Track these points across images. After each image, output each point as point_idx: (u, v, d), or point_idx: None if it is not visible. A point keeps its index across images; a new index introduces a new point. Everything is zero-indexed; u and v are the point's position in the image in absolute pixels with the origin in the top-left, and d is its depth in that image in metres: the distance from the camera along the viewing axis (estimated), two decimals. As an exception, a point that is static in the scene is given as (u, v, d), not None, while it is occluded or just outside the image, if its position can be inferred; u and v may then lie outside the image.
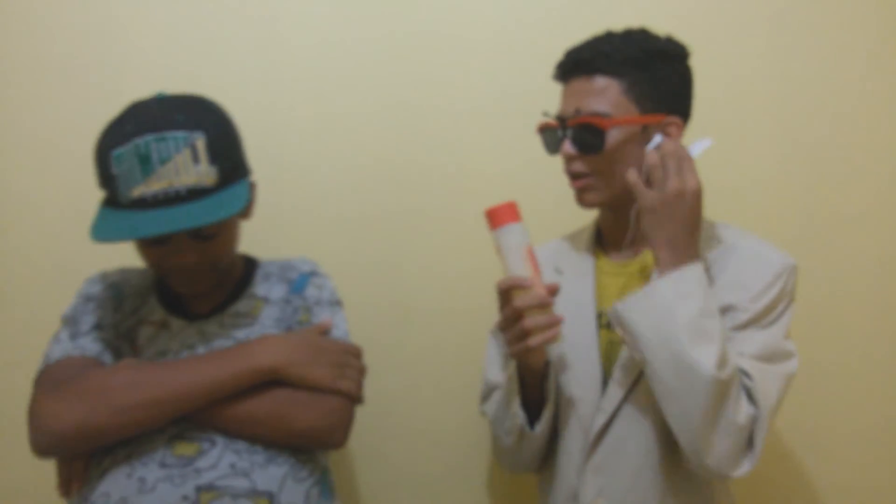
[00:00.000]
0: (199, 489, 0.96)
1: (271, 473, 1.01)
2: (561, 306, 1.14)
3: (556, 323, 1.02)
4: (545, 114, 1.15)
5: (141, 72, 1.43)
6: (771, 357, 1.05)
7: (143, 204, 0.97)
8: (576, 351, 1.14)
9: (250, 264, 1.21)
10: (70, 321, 1.09)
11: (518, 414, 1.12)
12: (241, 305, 1.14)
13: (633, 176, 1.04)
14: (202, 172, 0.99)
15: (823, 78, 1.49)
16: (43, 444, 0.97)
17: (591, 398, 1.12)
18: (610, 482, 1.09)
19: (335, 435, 1.05)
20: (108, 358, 1.06)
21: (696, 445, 0.98)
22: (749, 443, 1.00)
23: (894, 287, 1.50)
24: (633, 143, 1.08)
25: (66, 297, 1.33)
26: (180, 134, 0.98)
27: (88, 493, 0.99)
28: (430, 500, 1.49)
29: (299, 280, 1.18)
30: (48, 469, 1.12)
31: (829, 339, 1.48)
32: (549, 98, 1.19)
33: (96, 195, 1.38)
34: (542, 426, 1.12)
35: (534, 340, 1.01)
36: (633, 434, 1.09)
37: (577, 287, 1.17)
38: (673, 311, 0.97)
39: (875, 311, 1.50)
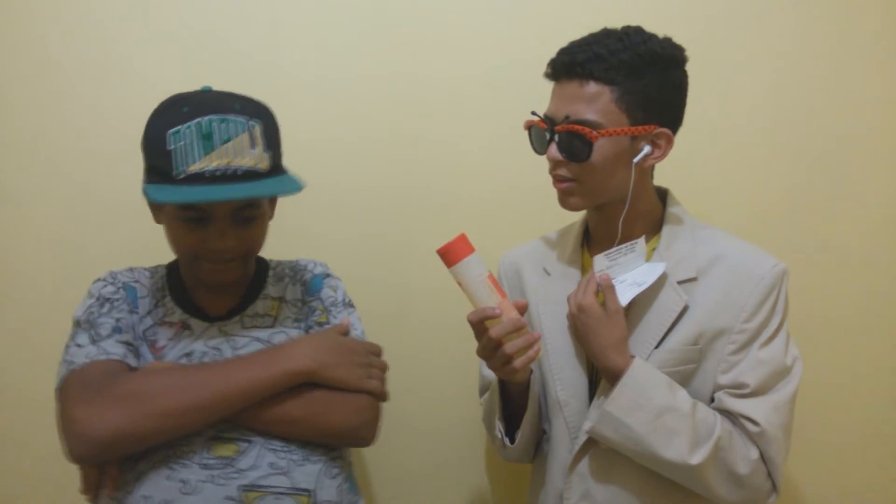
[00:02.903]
0: (242, 489, 0.96)
1: (308, 471, 1.02)
2: (547, 309, 1.19)
3: (535, 341, 1.03)
4: (533, 113, 1.12)
5: (140, 73, 1.43)
6: (773, 381, 1.06)
7: (201, 178, 0.99)
8: (561, 355, 1.16)
9: (261, 264, 1.21)
10: (87, 324, 1.05)
11: (498, 427, 1.19)
12: (259, 306, 1.15)
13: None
14: (258, 156, 1.02)
15: (814, 74, 1.49)
16: (81, 452, 0.93)
17: (577, 401, 1.14)
18: (595, 488, 1.11)
19: (365, 432, 1.08)
20: (131, 360, 1.03)
21: (713, 496, 1.06)
22: (768, 476, 1.06)
23: (885, 282, 1.51)
24: (621, 154, 1.06)
25: (65, 298, 1.31)
26: (240, 119, 1.02)
27: (125, 496, 0.96)
28: (430, 491, 1.54)
29: (314, 282, 1.19)
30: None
31: (822, 338, 1.50)
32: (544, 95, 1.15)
33: (97, 194, 1.39)
34: (519, 439, 1.16)
35: (519, 363, 1.02)
36: None
37: (563, 290, 1.16)
38: (629, 426, 1.03)
39: (866, 306, 1.51)
